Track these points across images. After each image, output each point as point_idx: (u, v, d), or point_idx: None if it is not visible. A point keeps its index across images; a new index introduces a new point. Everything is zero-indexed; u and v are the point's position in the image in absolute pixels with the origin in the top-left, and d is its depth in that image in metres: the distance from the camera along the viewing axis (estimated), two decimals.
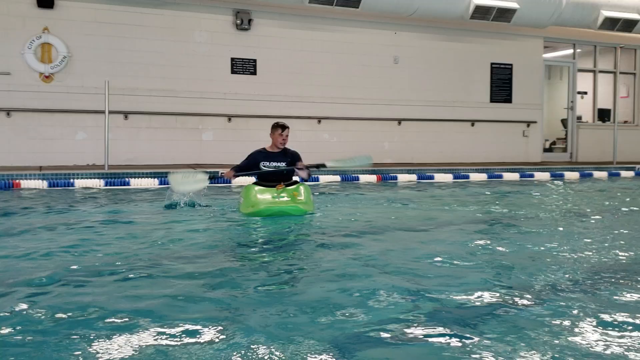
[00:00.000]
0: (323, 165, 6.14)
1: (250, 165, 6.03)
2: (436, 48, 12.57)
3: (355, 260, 3.93)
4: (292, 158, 6.11)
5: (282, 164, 6.01)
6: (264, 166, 5.98)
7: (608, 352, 2.36)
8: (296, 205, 5.63)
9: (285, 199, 5.64)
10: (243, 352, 2.30)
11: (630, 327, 2.63)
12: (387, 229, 5.35)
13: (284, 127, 6.03)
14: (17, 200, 6.94)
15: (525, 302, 3.01)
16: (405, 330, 2.58)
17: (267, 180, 5.90)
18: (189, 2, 10.59)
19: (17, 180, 8.06)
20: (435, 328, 2.59)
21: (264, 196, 5.64)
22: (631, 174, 12.17)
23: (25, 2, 9.66)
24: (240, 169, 6.09)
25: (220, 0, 10.70)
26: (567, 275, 3.57)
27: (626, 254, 4.23)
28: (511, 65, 13.32)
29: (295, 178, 6.12)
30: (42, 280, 3.28)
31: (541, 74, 13.74)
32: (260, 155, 6.09)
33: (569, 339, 2.48)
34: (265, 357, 2.24)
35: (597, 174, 11.92)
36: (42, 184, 8.09)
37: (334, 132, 11.71)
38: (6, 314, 2.71)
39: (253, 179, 6.22)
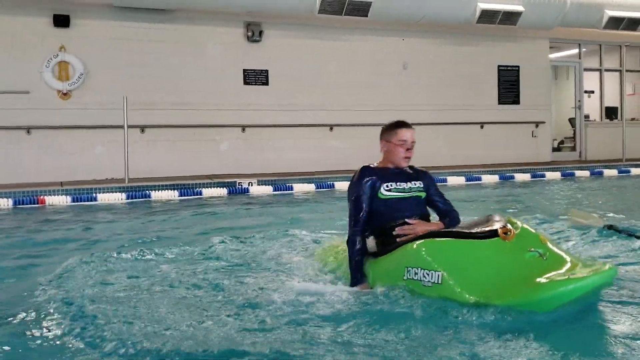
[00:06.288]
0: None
1: (368, 200, 3.47)
2: (444, 53, 12.73)
3: None
4: (429, 180, 3.69)
5: (415, 184, 3.56)
6: (386, 190, 3.48)
7: None
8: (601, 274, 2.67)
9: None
10: None
11: None
12: None
13: (408, 126, 3.65)
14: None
15: None
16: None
17: (393, 219, 3.39)
18: (201, 17, 10.78)
19: (42, 197, 8.25)
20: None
21: (505, 269, 2.81)
22: None
23: (42, 22, 9.88)
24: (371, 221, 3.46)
25: (232, 13, 10.89)
26: None
27: None
28: (518, 67, 13.46)
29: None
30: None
31: (548, 75, 13.88)
32: (371, 173, 3.54)
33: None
34: None
35: (607, 172, 12.03)
36: (66, 200, 8.27)
37: (346, 139, 11.84)
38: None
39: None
